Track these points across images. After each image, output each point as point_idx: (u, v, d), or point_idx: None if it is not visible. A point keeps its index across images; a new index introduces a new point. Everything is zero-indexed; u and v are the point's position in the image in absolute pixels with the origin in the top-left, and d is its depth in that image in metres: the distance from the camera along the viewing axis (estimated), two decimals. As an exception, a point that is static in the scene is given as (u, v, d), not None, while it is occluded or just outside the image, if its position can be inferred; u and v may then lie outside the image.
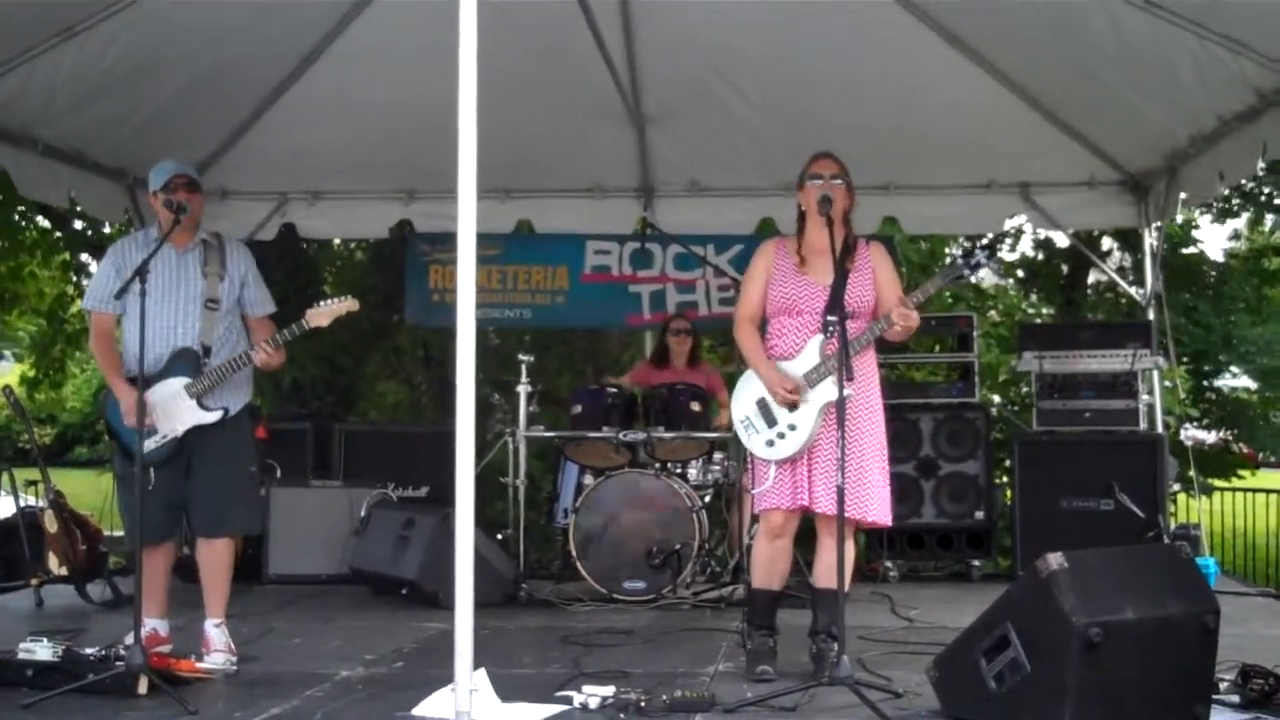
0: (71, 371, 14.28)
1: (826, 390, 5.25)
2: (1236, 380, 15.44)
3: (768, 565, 5.61)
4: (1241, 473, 14.45)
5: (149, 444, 5.49)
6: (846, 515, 5.04)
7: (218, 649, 5.68)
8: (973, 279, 6.19)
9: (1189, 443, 10.11)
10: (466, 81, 4.30)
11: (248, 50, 7.51)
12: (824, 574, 5.47)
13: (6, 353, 14.96)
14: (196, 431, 5.70)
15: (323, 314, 5.73)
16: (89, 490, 9.47)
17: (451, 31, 4.33)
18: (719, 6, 7.26)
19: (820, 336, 5.33)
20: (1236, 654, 4.95)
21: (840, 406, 4.98)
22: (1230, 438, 15.05)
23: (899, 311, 5.26)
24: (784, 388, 5.34)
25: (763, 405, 5.44)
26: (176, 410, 5.65)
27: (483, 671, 4.38)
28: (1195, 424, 14.17)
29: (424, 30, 6.47)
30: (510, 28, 6.60)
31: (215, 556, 5.85)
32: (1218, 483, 12.56)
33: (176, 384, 5.65)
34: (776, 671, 5.36)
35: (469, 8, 4.31)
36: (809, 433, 5.34)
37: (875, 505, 5.39)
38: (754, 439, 5.48)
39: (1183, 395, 11.99)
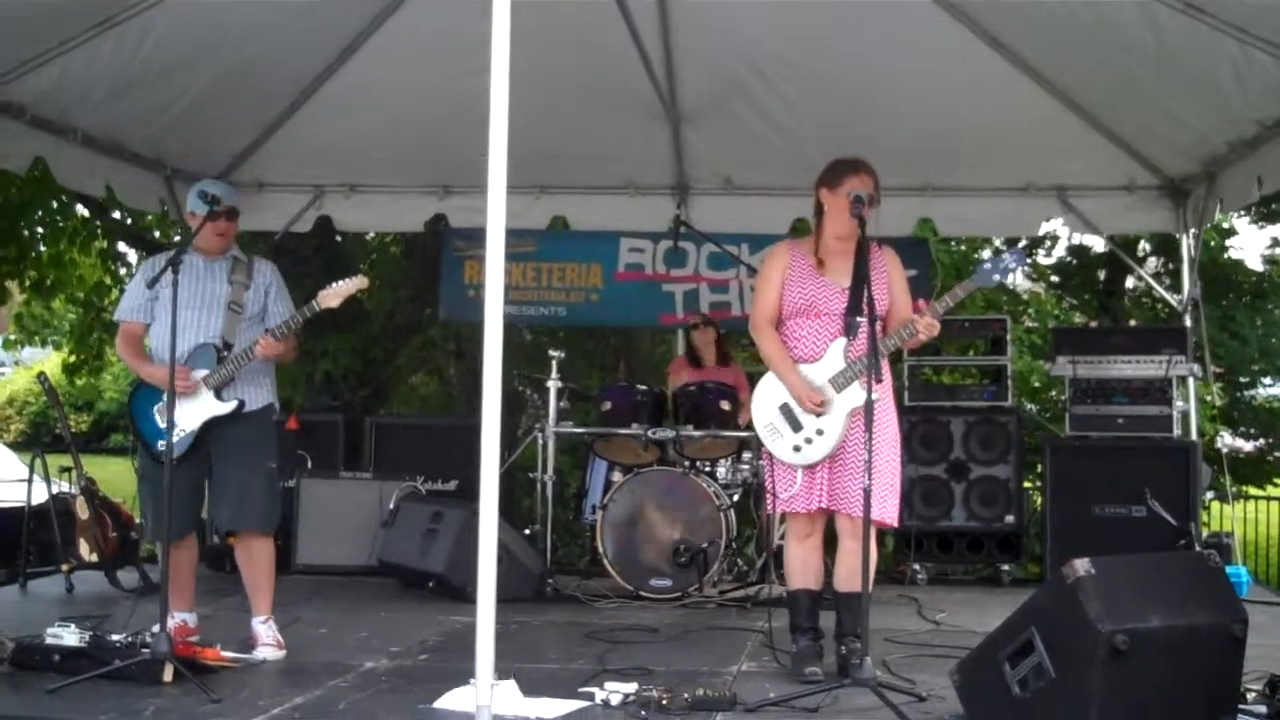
0: (110, 360, 14.36)
1: (853, 395, 5.23)
2: (1272, 389, 15.28)
3: (801, 566, 5.60)
4: (1278, 481, 14.34)
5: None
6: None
7: (265, 643, 5.74)
8: (1006, 281, 6.16)
9: (1225, 450, 10.01)
10: (499, 77, 4.30)
11: (285, 43, 7.54)
12: (845, 577, 5.47)
13: (49, 340, 15.12)
14: (216, 426, 5.75)
15: (333, 294, 5.75)
16: (124, 478, 9.51)
17: (488, 25, 4.34)
18: (756, 5, 7.24)
19: (843, 340, 5.32)
20: (1267, 664, 4.89)
21: (868, 409, 4.97)
22: (1266, 446, 14.91)
23: (925, 322, 5.25)
24: (813, 399, 5.33)
25: (786, 410, 5.43)
26: (195, 402, 5.71)
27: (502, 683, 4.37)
28: (1232, 432, 14.07)
29: (460, 24, 6.47)
30: (547, 24, 6.58)
31: (254, 554, 5.89)
32: (1253, 491, 12.45)
33: (196, 376, 5.71)
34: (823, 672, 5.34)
35: (502, 2, 4.32)
36: (837, 438, 5.33)
37: (889, 506, 5.37)
38: (779, 444, 5.47)
39: (1217, 404, 11.86)
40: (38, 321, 14.24)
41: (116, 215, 12.30)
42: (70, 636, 5.24)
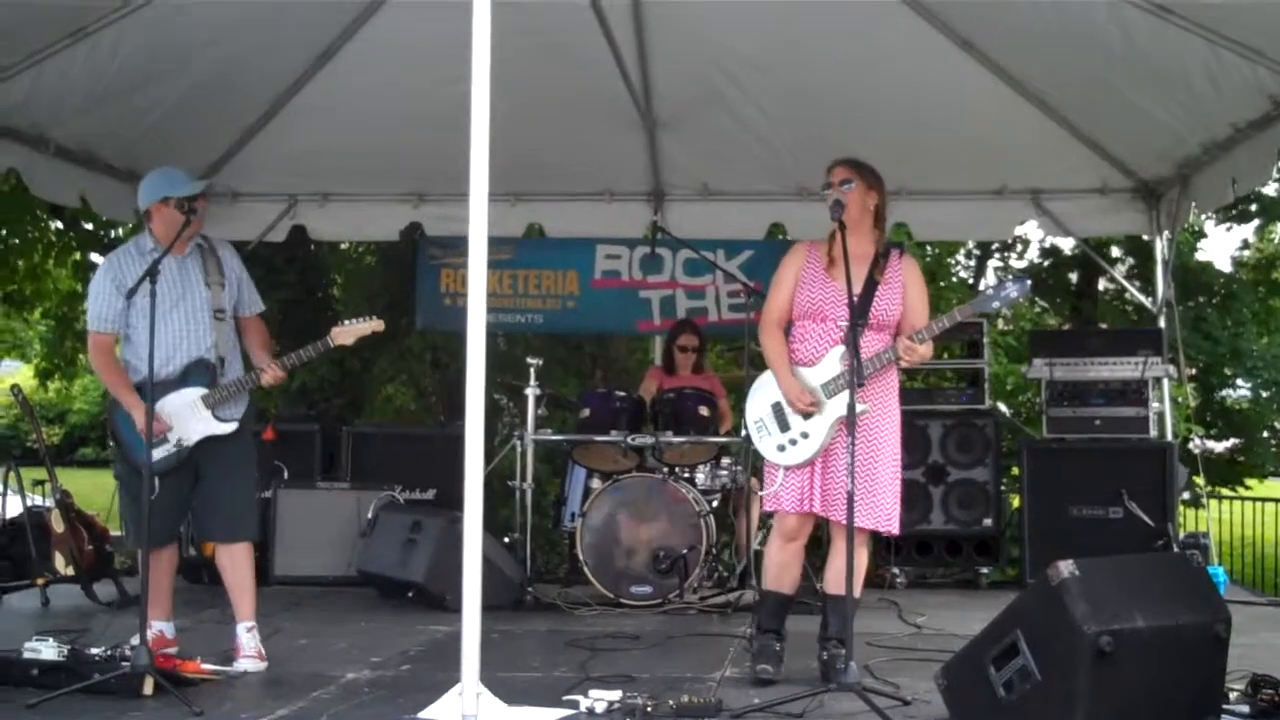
0: (81, 367, 14.32)
1: (843, 402, 5.21)
2: (1239, 392, 15.41)
3: (779, 569, 5.59)
4: (1249, 482, 14.45)
5: (159, 452, 5.46)
6: (859, 523, 5.04)
7: (247, 654, 5.68)
8: (1006, 311, 6.17)
9: (1198, 451, 10.05)
10: (479, 85, 4.30)
11: (259, 52, 7.51)
12: (834, 579, 5.45)
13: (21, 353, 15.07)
14: (205, 440, 5.70)
15: (348, 333, 5.77)
16: (95, 490, 9.47)
17: (464, 33, 4.33)
18: (731, 11, 7.25)
19: (840, 347, 5.29)
20: (1246, 664, 4.91)
21: (851, 415, 4.97)
22: (1238, 448, 15.04)
23: (904, 346, 5.26)
24: (802, 400, 5.33)
25: (777, 409, 5.44)
26: (191, 420, 5.64)
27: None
28: (1204, 433, 14.17)
29: (436, 32, 6.45)
30: (523, 30, 6.60)
31: (237, 560, 5.84)
32: (1224, 491, 12.53)
33: (193, 394, 5.63)
34: (785, 677, 5.34)
35: (483, 10, 4.31)
36: (820, 442, 5.32)
37: (885, 514, 5.37)
38: (765, 441, 5.47)
39: (1192, 405, 11.94)
40: (7, 334, 14.17)
41: (90, 226, 12.22)
42: (48, 650, 5.19)
